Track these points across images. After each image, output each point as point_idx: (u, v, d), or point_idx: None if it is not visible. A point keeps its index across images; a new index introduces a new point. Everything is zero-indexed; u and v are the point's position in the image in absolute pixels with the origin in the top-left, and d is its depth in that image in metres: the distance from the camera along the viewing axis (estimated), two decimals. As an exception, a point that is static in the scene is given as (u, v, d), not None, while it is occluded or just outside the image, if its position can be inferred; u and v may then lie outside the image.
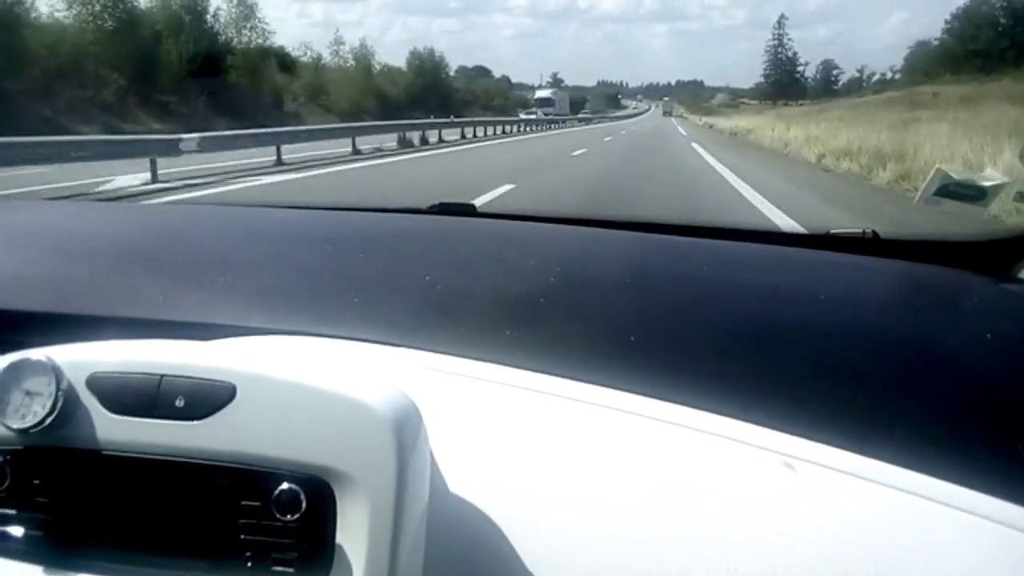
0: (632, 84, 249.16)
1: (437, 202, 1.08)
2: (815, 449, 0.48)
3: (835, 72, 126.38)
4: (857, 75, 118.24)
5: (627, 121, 68.32)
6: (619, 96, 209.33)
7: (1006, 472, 0.47)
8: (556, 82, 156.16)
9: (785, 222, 6.47)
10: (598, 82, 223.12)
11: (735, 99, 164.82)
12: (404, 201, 1.16)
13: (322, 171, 12.75)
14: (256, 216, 1.08)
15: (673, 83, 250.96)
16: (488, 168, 13.75)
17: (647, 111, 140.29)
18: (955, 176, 0.84)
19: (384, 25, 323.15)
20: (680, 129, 40.72)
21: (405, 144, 19.39)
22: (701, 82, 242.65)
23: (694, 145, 21.75)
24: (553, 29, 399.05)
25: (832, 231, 0.93)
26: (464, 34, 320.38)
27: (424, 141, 20.70)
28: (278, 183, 10.69)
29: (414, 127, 21.79)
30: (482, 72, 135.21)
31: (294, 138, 15.16)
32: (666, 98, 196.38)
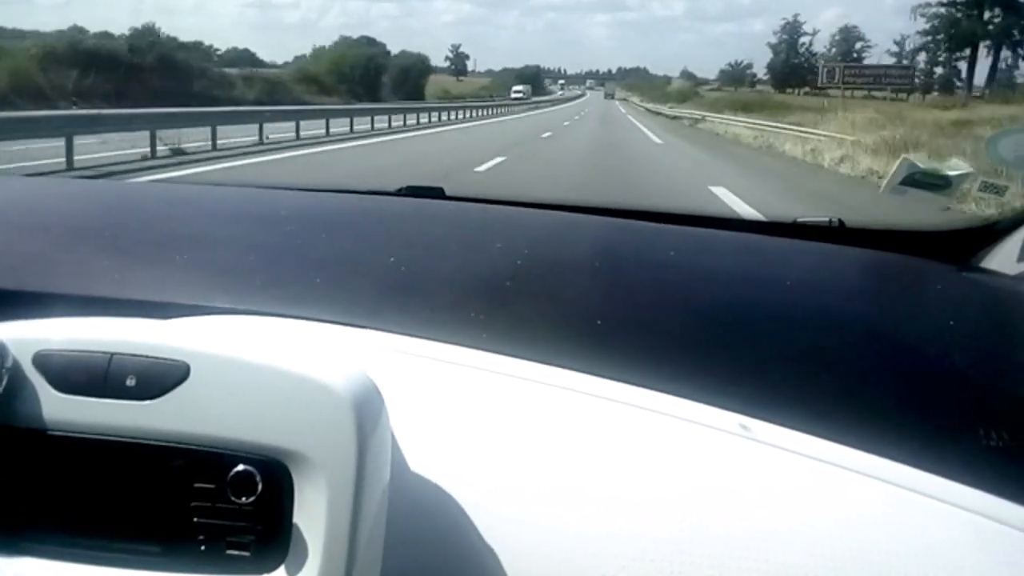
0: (571, 71, 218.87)
1: (405, 185, 1.07)
2: (782, 434, 0.48)
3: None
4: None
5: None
6: (558, 81, 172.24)
7: (969, 457, 0.48)
8: (458, 58, 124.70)
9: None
10: (540, 68, 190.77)
11: (696, 85, 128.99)
12: None
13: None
14: (215, 195, 1.04)
15: (615, 70, 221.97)
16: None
17: (579, 97, 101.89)
18: (921, 165, 0.84)
19: (322, 8, 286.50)
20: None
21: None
22: (645, 69, 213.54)
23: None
24: (494, 17, 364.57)
25: (799, 219, 0.94)
26: (404, 20, 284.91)
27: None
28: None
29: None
30: (369, 44, 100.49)
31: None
32: (589, 81, 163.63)
